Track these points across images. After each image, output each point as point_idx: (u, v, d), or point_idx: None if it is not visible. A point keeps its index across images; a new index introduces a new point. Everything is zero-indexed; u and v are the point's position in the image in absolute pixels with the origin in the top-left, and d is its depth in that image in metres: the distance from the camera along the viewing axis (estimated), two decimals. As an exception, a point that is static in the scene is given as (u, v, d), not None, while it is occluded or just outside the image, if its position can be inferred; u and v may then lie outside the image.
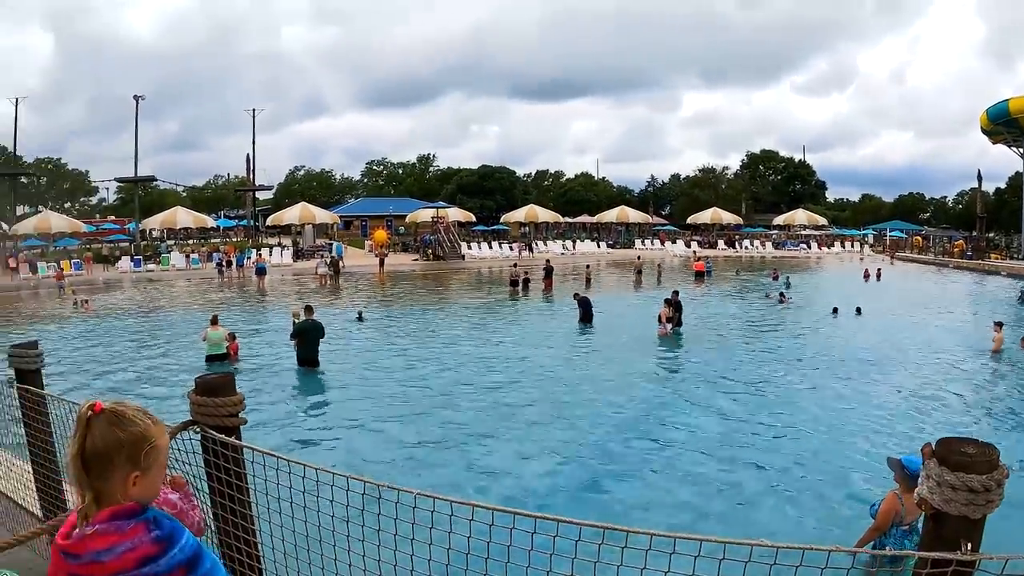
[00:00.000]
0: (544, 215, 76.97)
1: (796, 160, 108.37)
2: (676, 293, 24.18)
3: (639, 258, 50.14)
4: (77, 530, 2.08)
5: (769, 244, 76.43)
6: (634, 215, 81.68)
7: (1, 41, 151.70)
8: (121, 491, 2.11)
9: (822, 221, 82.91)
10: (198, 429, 3.50)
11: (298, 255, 60.38)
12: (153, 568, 2.02)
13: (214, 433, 3.44)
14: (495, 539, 2.99)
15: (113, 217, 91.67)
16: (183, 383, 17.07)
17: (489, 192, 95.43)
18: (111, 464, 2.09)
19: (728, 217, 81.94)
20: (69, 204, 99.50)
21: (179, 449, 3.61)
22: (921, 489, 2.51)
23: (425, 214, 71.24)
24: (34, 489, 5.92)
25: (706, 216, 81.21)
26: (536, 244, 70.29)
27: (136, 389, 16.65)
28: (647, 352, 20.62)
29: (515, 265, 43.26)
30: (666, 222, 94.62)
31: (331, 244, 64.24)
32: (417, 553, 3.18)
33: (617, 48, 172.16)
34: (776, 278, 40.61)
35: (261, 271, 45.76)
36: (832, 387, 16.02)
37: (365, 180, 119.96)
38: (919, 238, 74.85)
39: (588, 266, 44.99)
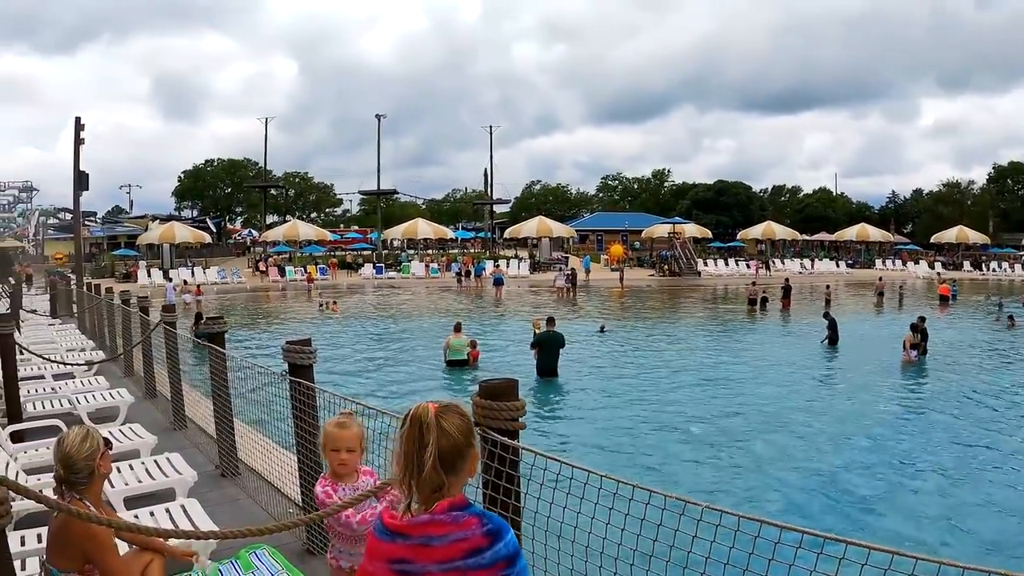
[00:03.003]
0: (781, 232, 74.06)
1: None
2: (922, 319, 22.47)
3: (880, 279, 47.01)
4: (415, 515, 2.18)
5: (1018, 266, 69.83)
6: (874, 233, 76.74)
7: (251, 68, 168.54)
8: (468, 474, 2.27)
9: (1076, 241, 74.65)
10: (480, 431, 3.45)
11: (535, 267, 61.45)
12: (478, 560, 2.13)
13: (496, 435, 3.46)
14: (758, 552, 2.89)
15: (356, 227, 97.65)
16: (426, 384, 17.73)
17: (725, 207, 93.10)
18: (470, 449, 2.26)
19: (975, 236, 75.14)
20: (315, 214, 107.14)
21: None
22: None
23: (661, 229, 70.67)
24: (297, 477, 6.12)
25: (951, 235, 74.56)
26: (773, 262, 67.91)
27: (382, 389, 17.48)
28: (892, 380, 19.36)
29: (753, 283, 41.80)
30: (908, 240, 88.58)
31: (567, 257, 65.01)
32: (674, 560, 3.16)
33: (850, 56, 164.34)
34: None
35: (499, 282, 46.95)
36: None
37: (600, 195, 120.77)
38: None
39: (828, 286, 42.71)
